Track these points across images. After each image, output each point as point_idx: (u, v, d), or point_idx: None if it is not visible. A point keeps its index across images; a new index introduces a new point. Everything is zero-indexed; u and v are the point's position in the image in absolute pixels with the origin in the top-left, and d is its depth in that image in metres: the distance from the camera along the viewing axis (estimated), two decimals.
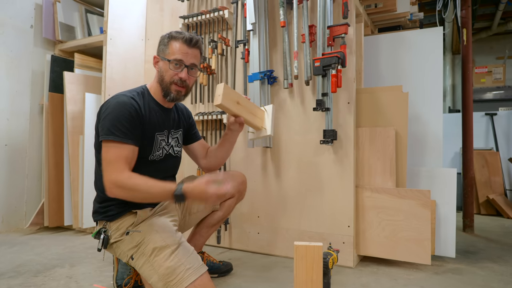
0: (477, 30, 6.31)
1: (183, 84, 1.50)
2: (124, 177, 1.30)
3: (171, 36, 1.50)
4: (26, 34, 3.00)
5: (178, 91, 1.51)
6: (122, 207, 1.45)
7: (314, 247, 1.28)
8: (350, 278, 1.83)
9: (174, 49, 1.47)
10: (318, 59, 1.91)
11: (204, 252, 1.85)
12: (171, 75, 1.48)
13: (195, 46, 1.51)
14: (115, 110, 1.38)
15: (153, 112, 1.51)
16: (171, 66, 1.47)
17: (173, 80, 1.49)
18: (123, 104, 1.39)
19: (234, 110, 1.57)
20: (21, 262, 2.06)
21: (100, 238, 1.44)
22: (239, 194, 1.85)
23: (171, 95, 1.51)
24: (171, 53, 1.48)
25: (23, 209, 2.96)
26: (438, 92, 2.30)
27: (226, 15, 2.33)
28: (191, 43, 1.49)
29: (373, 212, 2.02)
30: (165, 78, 1.49)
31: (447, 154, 4.35)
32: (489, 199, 3.90)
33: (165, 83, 1.50)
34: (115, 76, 2.77)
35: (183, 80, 1.49)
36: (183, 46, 1.48)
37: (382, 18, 2.57)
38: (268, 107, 1.74)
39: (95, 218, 1.52)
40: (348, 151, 2.02)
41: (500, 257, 2.22)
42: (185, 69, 1.49)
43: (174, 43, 1.48)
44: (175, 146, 1.64)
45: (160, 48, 1.52)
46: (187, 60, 1.49)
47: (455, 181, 2.15)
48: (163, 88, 1.51)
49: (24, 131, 2.99)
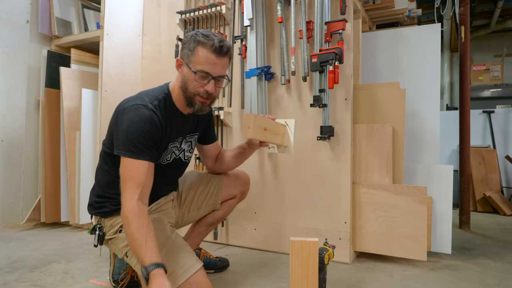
0: (476, 27, 6.32)
1: (208, 96, 1.38)
2: (129, 208, 1.22)
3: (198, 41, 1.33)
4: (22, 29, 2.98)
5: (203, 103, 1.39)
6: (117, 205, 1.42)
7: (309, 243, 1.28)
8: (346, 273, 1.84)
9: (201, 58, 1.32)
10: (316, 55, 1.91)
11: (201, 248, 1.85)
12: (195, 86, 1.35)
13: (226, 55, 1.36)
14: (135, 125, 1.29)
15: (172, 125, 1.42)
16: (196, 77, 1.33)
17: (198, 92, 1.36)
18: (144, 120, 1.30)
19: (261, 138, 1.45)
20: (18, 257, 2.06)
21: (95, 235, 1.45)
22: (241, 194, 1.84)
23: (195, 107, 1.40)
24: (197, 61, 1.32)
25: (20, 205, 2.95)
26: (436, 89, 2.30)
27: (224, 11, 2.31)
28: (221, 52, 1.33)
29: (369, 209, 2.03)
30: (189, 88, 1.37)
31: (445, 151, 4.36)
32: (486, 196, 3.91)
33: (188, 93, 1.37)
34: (112, 72, 2.76)
35: (209, 93, 1.37)
36: (211, 55, 1.32)
37: (380, 14, 2.56)
38: (291, 122, 1.60)
39: (89, 210, 1.51)
40: (345, 148, 2.02)
41: (496, 254, 2.23)
42: (212, 81, 1.35)
43: (201, 50, 1.32)
44: (186, 151, 1.57)
45: (185, 52, 1.36)
46: (214, 72, 1.34)
47: (451, 178, 2.16)
48: (186, 97, 1.39)
49: (20, 127, 2.97)
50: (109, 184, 1.45)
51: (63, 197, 2.85)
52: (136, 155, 1.27)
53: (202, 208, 1.75)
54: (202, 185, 1.74)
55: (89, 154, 2.76)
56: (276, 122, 1.54)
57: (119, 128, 1.32)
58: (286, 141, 1.60)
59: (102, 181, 1.48)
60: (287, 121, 1.61)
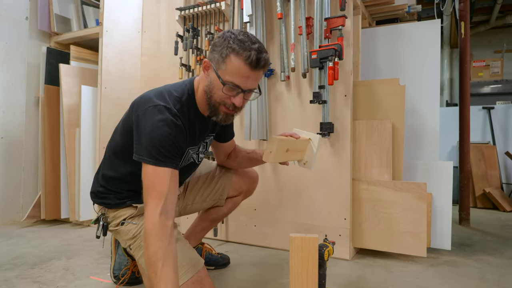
0: (475, 23, 6.30)
1: (234, 109, 1.26)
2: (151, 222, 1.11)
3: (233, 48, 1.17)
4: (21, 26, 2.97)
5: (228, 114, 1.27)
6: (121, 199, 1.42)
7: (309, 239, 1.28)
8: (346, 270, 1.84)
9: (234, 68, 1.18)
10: (315, 51, 1.90)
11: (204, 243, 1.85)
12: (221, 97, 1.23)
13: (262, 69, 1.22)
14: (159, 130, 1.18)
15: (193, 128, 1.34)
16: (224, 89, 1.20)
17: (224, 103, 1.24)
18: (169, 125, 1.19)
19: (282, 160, 1.40)
20: (18, 254, 2.06)
21: (99, 225, 1.43)
22: (248, 192, 1.82)
23: (219, 117, 1.28)
24: (228, 71, 1.19)
25: (20, 202, 2.95)
26: (436, 86, 2.30)
27: (223, 7, 2.31)
28: (257, 66, 1.19)
29: (369, 205, 2.03)
30: (214, 97, 1.24)
31: (445, 147, 4.36)
32: (486, 193, 3.92)
33: (213, 101, 1.25)
34: (111, 69, 2.75)
35: (235, 106, 1.24)
36: (245, 68, 1.17)
37: (380, 10, 2.55)
38: (315, 137, 1.50)
39: (92, 198, 1.48)
40: (344, 144, 2.02)
41: (496, 250, 2.24)
42: (240, 94, 1.22)
43: (234, 59, 1.17)
44: (201, 152, 1.51)
45: (215, 55, 1.22)
46: (245, 85, 1.21)
47: (451, 174, 2.16)
48: (210, 104, 1.27)
49: (20, 123, 2.97)
50: (115, 180, 1.43)
51: (63, 194, 2.85)
52: (160, 162, 1.16)
53: (207, 202, 1.74)
54: (210, 179, 1.73)
55: (89, 151, 2.75)
56: (299, 141, 1.44)
57: (141, 131, 1.20)
58: (306, 156, 1.51)
59: (110, 175, 1.43)
60: (312, 136, 1.51)
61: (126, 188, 1.43)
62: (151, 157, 1.16)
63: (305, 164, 1.52)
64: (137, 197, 1.41)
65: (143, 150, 1.18)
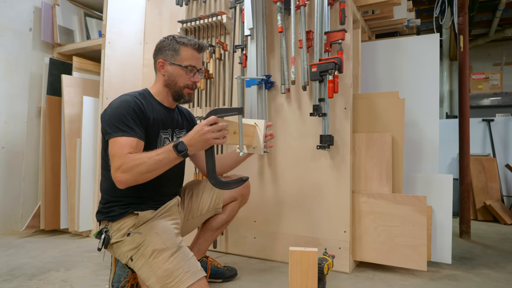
0: (474, 36, 6.36)
1: (194, 87, 1.61)
2: (125, 160, 1.30)
3: (179, 41, 1.55)
4: (25, 37, 3.01)
5: (190, 94, 1.61)
6: (125, 208, 1.46)
7: (309, 253, 1.28)
8: (345, 283, 1.83)
9: (187, 55, 1.55)
10: (315, 64, 1.92)
11: (208, 256, 1.84)
12: (185, 80, 1.57)
13: (203, 51, 1.63)
14: (120, 107, 1.42)
15: (156, 111, 1.55)
16: (187, 71, 1.55)
17: (187, 85, 1.58)
18: (127, 102, 1.44)
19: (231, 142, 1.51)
20: (16, 265, 2.05)
21: (101, 238, 1.45)
22: (242, 197, 1.86)
23: (185, 98, 1.60)
24: (184, 59, 1.55)
25: (19, 211, 2.95)
26: (435, 98, 2.31)
27: (224, 20, 2.34)
28: (202, 50, 1.60)
29: (369, 218, 2.03)
30: (178, 83, 1.57)
31: (445, 160, 4.36)
32: (486, 205, 3.90)
33: (178, 87, 1.57)
34: (113, 80, 2.78)
35: (195, 84, 1.60)
36: (194, 52, 1.57)
37: (379, 24, 2.59)
38: (260, 122, 1.68)
39: (98, 217, 1.54)
40: (344, 157, 2.03)
41: (497, 264, 2.22)
42: (197, 73, 1.60)
43: (185, 49, 1.55)
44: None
45: (168, 53, 1.56)
46: (198, 65, 1.59)
47: (451, 187, 2.16)
48: (174, 91, 1.58)
49: (21, 133, 2.98)
50: (114, 188, 1.44)
51: (63, 204, 2.85)
52: (124, 132, 1.36)
53: (205, 213, 1.78)
54: (205, 192, 1.78)
55: (90, 161, 2.76)
56: (245, 125, 1.61)
57: (105, 118, 1.42)
58: (255, 141, 1.66)
59: (107, 187, 1.51)
60: (257, 121, 1.68)
61: (126, 195, 1.47)
62: (116, 130, 1.36)
63: (254, 148, 1.67)
64: (139, 202, 1.48)
65: (108, 127, 1.38)
